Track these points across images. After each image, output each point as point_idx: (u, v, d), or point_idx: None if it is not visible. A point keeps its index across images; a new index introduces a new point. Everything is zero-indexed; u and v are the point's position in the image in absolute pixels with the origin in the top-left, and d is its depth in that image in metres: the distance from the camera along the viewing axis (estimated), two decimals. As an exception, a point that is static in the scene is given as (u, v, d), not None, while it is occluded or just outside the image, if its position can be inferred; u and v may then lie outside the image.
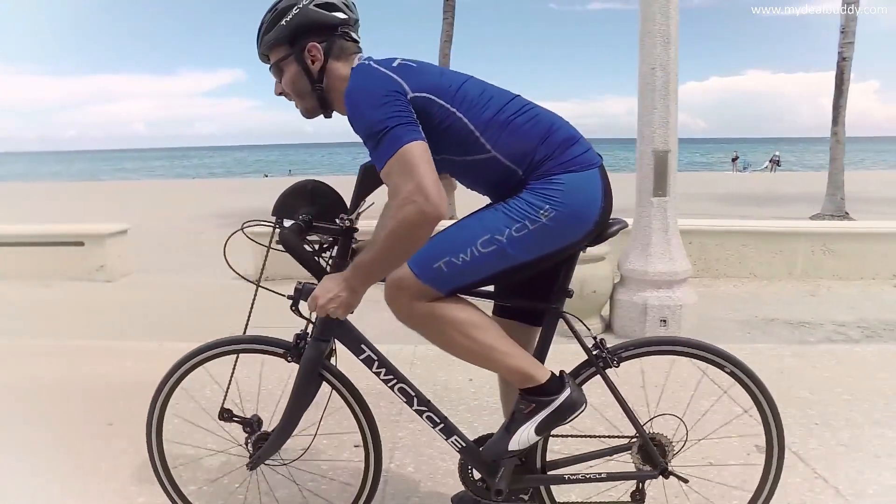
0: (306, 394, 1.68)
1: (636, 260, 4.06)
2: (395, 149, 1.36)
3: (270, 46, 1.57)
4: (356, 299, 1.49)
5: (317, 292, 1.49)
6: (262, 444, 1.73)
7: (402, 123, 1.38)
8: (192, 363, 1.73)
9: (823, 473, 2.20)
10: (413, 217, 1.33)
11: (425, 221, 1.34)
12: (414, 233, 1.36)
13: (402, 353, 3.30)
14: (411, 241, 1.39)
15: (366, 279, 1.46)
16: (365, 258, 1.44)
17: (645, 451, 1.67)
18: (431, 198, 1.32)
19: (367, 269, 1.44)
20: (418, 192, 1.32)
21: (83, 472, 2.29)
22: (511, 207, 1.47)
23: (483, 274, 1.49)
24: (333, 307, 1.47)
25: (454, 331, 1.50)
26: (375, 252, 1.41)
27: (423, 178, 1.33)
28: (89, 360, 3.53)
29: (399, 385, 1.66)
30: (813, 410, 2.74)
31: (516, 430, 1.56)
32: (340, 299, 1.47)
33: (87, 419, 2.73)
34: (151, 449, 1.80)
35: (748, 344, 3.88)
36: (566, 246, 1.51)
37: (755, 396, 1.66)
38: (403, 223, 1.34)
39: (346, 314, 1.52)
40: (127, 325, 4.47)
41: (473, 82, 1.55)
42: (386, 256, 1.41)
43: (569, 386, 1.56)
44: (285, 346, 1.70)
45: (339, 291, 1.47)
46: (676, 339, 1.67)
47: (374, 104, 1.40)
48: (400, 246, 1.39)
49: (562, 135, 1.50)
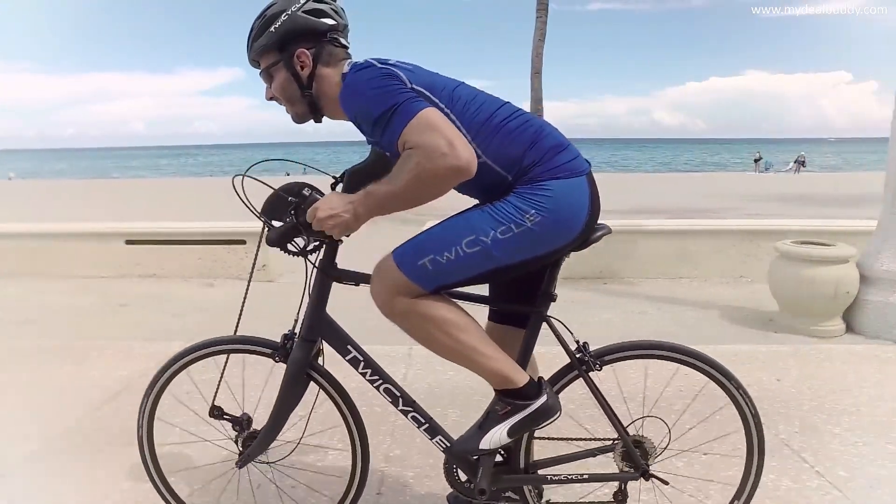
0: (294, 394, 1.71)
1: (889, 261, 4.09)
2: (411, 115, 1.38)
3: (260, 52, 1.59)
4: (356, 225, 1.49)
5: (319, 204, 1.48)
6: (250, 442, 1.76)
7: (410, 98, 1.40)
8: (181, 364, 1.76)
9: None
10: (443, 170, 1.34)
11: (455, 175, 1.35)
12: (440, 184, 1.37)
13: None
14: (434, 190, 1.39)
15: (374, 209, 1.45)
16: (380, 189, 1.43)
17: (627, 453, 1.69)
18: (463, 154, 1.34)
19: (378, 200, 1.43)
20: (450, 147, 1.33)
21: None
22: (497, 210, 1.48)
23: (467, 274, 1.51)
24: (331, 224, 1.47)
25: (436, 329, 1.52)
26: (394, 188, 1.40)
27: (451, 135, 1.35)
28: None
29: (385, 385, 1.68)
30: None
31: (489, 430, 1.59)
32: (341, 219, 1.47)
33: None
34: (143, 449, 1.83)
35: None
36: (551, 251, 1.52)
37: (733, 396, 1.68)
38: (431, 173, 1.35)
39: (340, 235, 1.52)
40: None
41: (465, 87, 1.57)
42: (403, 196, 1.41)
43: (545, 392, 1.58)
44: (273, 347, 1.72)
45: (343, 211, 1.46)
46: (657, 343, 1.68)
47: (376, 88, 1.43)
48: (421, 191, 1.39)
49: (550, 141, 1.52)
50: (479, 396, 2.78)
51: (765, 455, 1.70)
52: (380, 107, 1.41)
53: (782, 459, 2.36)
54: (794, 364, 3.41)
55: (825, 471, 2.28)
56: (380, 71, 1.47)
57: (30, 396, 3.04)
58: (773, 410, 2.80)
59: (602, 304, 4.99)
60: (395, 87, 1.43)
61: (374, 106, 1.42)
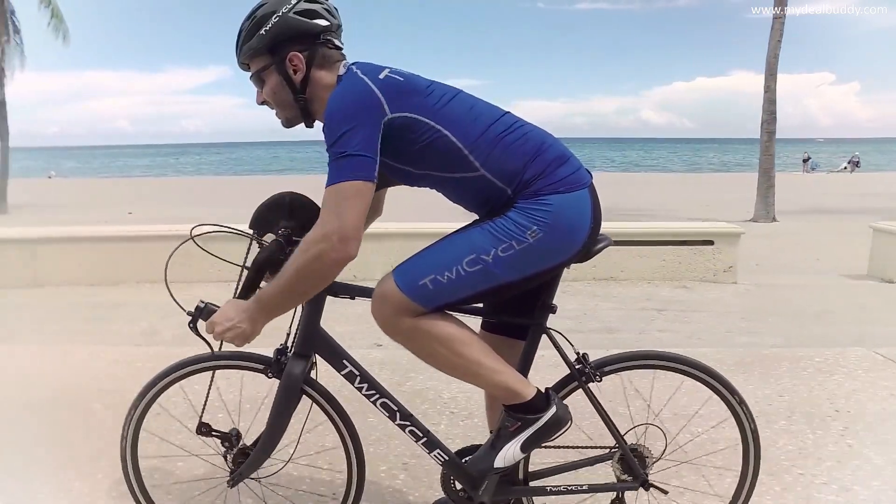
0: (287, 410, 1.66)
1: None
2: (340, 178, 1.37)
3: (250, 56, 1.52)
4: (255, 331, 1.49)
5: (216, 318, 1.49)
6: (242, 460, 1.70)
7: (359, 155, 1.37)
8: (168, 381, 1.69)
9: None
10: (324, 256, 1.36)
11: (332, 264, 1.38)
12: (319, 273, 1.40)
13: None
14: (316, 281, 1.42)
15: (268, 313, 1.47)
16: (268, 291, 1.46)
17: (625, 462, 1.69)
18: (347, 241, 1.36)
19: (269, 303, 1.46)
20: (336, 232, 1.35)
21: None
22: (498, 227, 1.45)
23: (468, 292, 1.48)
24: (230, 336, 1.48)
25: (440, 346, 1.49)
26: (280, 286, 1.43)
27: (347, 220, 1.35)
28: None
29: (381, 400, 1.64)
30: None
31: (502, 447, 1.56)
32: (238, 330, 1.47)
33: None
34: (127, 469, 1.75)
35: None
36: (553, 266, 1.50)
37: (732, 408, 1.68)
38: (311, 260, 1.37)
39: (242, 344, 1.52)
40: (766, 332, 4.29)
41: (462, 97, 1.52)
42: (290, 292, 1.43)
43: (555, 403, 1.56)
44: (265, 362, 1.67)
45: (239, 322, 1.47)
46: (658, 354, 1.68)
47: (346, 120, 1.38)
48: (305, 283, 1.42)
49: (552, 154, 1.49)
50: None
51: (759, 471, 1.71)
52: (334, 144, 1.38)
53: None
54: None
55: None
56: (360, 99, 1.41)
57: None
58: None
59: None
60: (358, 132, 1.37)
61: (331, 139, 1.39)
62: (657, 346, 3.28)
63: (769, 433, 2.52)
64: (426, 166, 1.49)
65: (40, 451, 2.44)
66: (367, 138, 1.37)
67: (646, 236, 6.05)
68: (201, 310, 1.55)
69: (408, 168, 1.50)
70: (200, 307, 1.55)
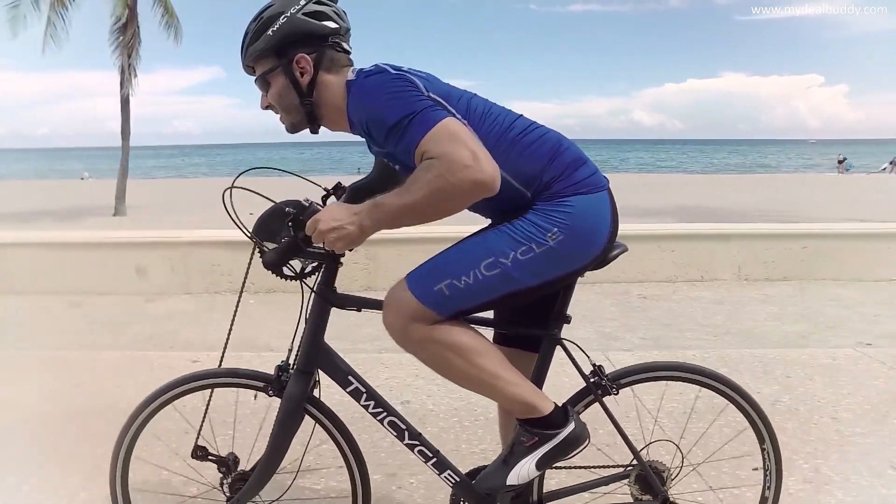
0: (289, 430, 1.57)
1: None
2: (431, 124, 1.28)
3: (256, 58, 1.47)
4: (361, 238, 1.35)
5: (321, 216, 1.35)
6: (239, 486, 1.61)
7: (429, 107, 1.31)
8: (162, 400, 1.59)
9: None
10: (467, 183, 1.24)
11: (478, 189, 1.26)
12: (461, 198, 1.27)
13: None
14: (454, 205, 1.29)
15: (383, 221, 1.33)
16: (392, 201, 1.31)
17: (644, 479, 1.62)
18: (488, 168, 1.24)
19: (389, 212, 1.31)
20: (474, 159, 1.24)
21: None
22: (516, 229, 1.40)
23: (486, 298, 1.42)
24: (334, 237, 1.34)
25: (455, 356, 1.42)
26: (409, 199, 1.28)
27: (475, 147, 1.26)
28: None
29: (389, 418, 1.56)
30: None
31: (516, 464, 1.48)
32: (345, 231, 1.33)
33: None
34: (115, 491, 1.65)
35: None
36: (572, 271, 1.45)
37: (752, 420, 1.63)
38: (453, 185, 1.24)
39: (343, 249, 1.39)
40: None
41: (478, 100, 1.49)
42: (420, 209, 1.29)
43: (573, 419, 1.49)
44: (266, 380, 1.58)
45: (347, 223, 1.33)
46: (676, 364, 1.63)
47: (392, 94, 1.33)
48: (439, 205, 1.29)
49: (570, 156, 1.45)
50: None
51: (782, 482, 1.65)
52: (396, 114, 1.31)
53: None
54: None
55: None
56: (395, 76, 1.37)
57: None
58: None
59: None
60: (413, 94, 1.33)
61: (389, 112, 1.32)
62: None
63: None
64: None
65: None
66: (420, 94, 1.33)
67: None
68: (305, 207, 1.39)
69: None
70: (304, 204, 1.40)
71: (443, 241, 1.53)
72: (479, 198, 1.29)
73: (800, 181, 23.91)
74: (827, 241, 5.77)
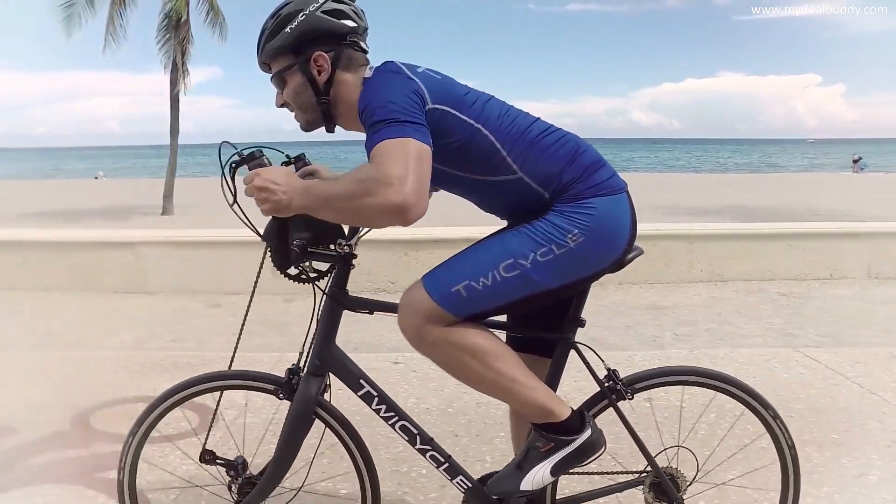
0: (299, 434, 1.55)
1: None
2: (401, 135, 1.24)
3: (273, 55, 1.45)
4: (286, 211, 1.32)
5: (263, 171, 1.33)
6: (248, 489, 1.58)
7: (416, 123, 1.27)
8: (171, 402, 1.58)
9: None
10: (389, 204, 1.19)
11: (391, 210, 1.20)
12: (376, 216, 1.23)
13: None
14: (366, 218, 1.29)
15: (307, 205, 1.30)
16: (320, 190, 1.30)
17: (658, 486, 1.59)
18: (411, 197, 1.19)
19: (314, 199, 1.29)
20: (401, 182, 1.18)
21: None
22: (536, 230, 1.38)
23: (504, 300, 1.40)
24: (263, 196, 1.31)
25: (471, 359, 1.39)
26: (330, 196, 1.27)
27: (419, 176, 1.21)
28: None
29: (400, 423, 1.54)
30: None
31: (530, 469, 1.46)
32: (275, 198, 1.30)
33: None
34: (123, 495, 1.63)
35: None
36: (592, 274, 1.43)
37: (769, 426, 1.60)
38: (375, 201, 1.20)
39: (266, 213, 1.36)
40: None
41: (496, 102, 1.47)
42: (337, 206, 1.27)
43: (590, 425, 1.47)
44: (276, 383, 1.56)
45: (281, 191, 1.30)
46: (691, 369, 1.61)
47: (393, 95, 1.30)
48: (353, 210, 1.25)
49: (589, 158, 1.44)
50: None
51: (800, 489, 1.62)
52: (380, 114, 1.28)
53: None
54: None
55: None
56: (404, 82, 1.35)
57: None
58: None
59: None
60: (408, 105, 1.29)
61: (377, 109, 1.29)
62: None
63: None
64: (460, 167, 1.43)
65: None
66: (417, 112, 1.29)
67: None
68: (254, 157, 1.38)
69: (441, 167, 1.42)
70: (255, 154, 1.38)
71: (464, 242, 1.51)
72: (389, 221, 1.23)
73: (821, 180, 23.39)
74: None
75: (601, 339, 4.06)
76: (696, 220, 11.08)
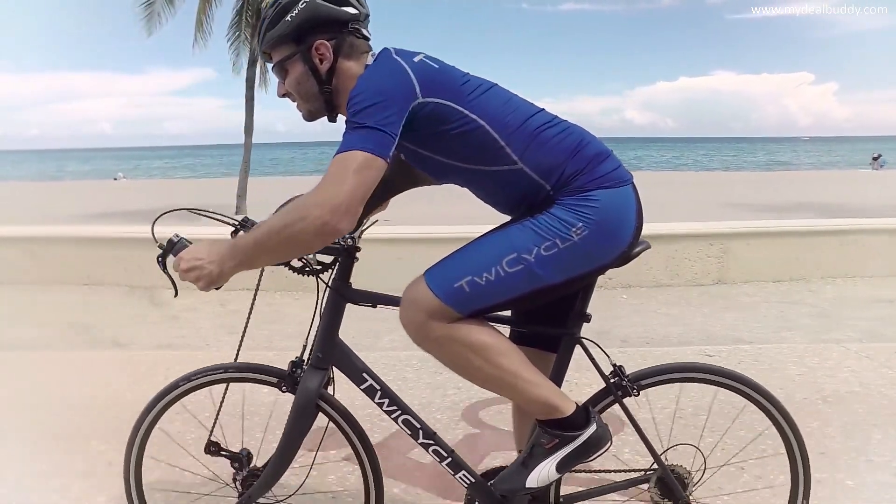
0: (302, 426, 1.55)
1: None
2: (352, 146, 1.26)
3: (274, 44, 1.44)
4: (222, 279, 1.35)
5: (185, 254, 1.36)
6: (252, 481, 1.59)
7: (379, 129, 1.27)
8: (175, 394, 1.58)
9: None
10: (312, 221, 1.24)
11: (321, 232, 1.25)
12: (304, 238, 1.27)
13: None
14: (295, 245, 1.30)
15: (239, 262, 1.33)
16: (246, 239, 1.33)
17: (664, 483, 1.58)
18: (340, 213, 1.23)
19: (244, 253, 1.32)
20: (333, 200, 1.23)
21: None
22: (540, 224, 1.36)
23: (508, 295, 1.38)
24: (193, 276, 1.34)
25: (475, 355, 1.38)
26: (258, 238, 1.30)
27: (349, 191, 1.24)
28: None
29: (403, 416, 1.53)
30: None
31: (535, 466, 1.44)
32: (204, 272, 1.33)
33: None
34: (130, 490, 1.64)
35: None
36: (597, 268, 1.41)
37: (776, 421, 1.57)
38: (297, 221, 1.25)
39: (205, 289, 1.38)
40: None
41: (497, 90, 1.45)
42: (266, 247, 1.30)
43: (594, 420, 1.45)
44: (279, 375, 1.57)
45: (207, 263, 1.33)
46: (696, 366, 1.58)
47: (373, 94, 1.29)
48: (283, 244, 1.29)
49: (593, 149, 1.41)
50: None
51: (811, 482, 1.60)
52: (354, 114, 1.28)
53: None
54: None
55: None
56: (392, 78, 1.33)
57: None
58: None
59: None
60: (382, 109, 1.28)
61: (352, 108, 1.29)
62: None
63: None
64: (458, 157, 1.41)
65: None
66: (392, 116, 1.28)
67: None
68: (174, 244, 1.41)
69: (437, 157, 1.42)
70: (174, 241, 1.42)
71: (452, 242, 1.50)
72: (326, 242, 1.29)
73: (848, 178, 22.68)
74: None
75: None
76: (783, 217, 10.34)
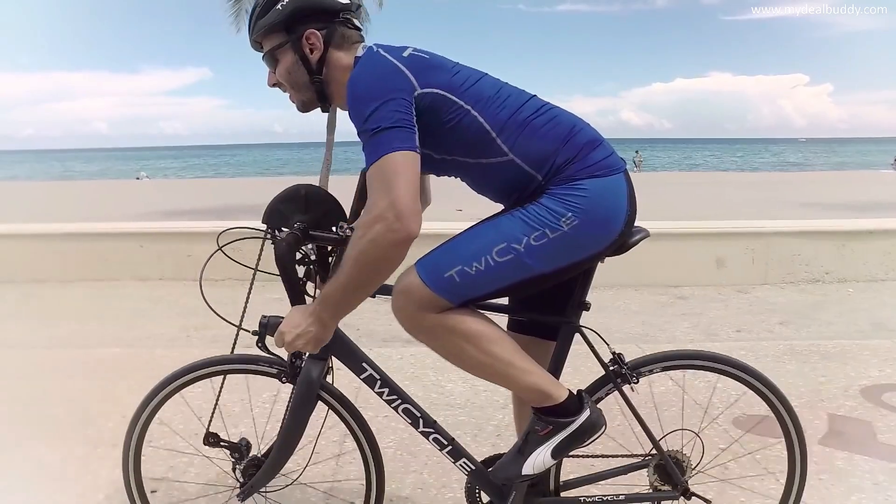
0: (302, 416, 1.55)
1: None
2: (379, 153, 1.24)
3: (264, 33, 1.43)
4: (327, 334, 1.39)
5: (283, 327, 1.38)
6: (252, 471, 1.59)
7: (396, 126, 1.26)
8: (174, 386, 1.58)
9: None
10: (381, 238, 1.23)
11: (395, 242, 1.23)
12: (383, 255, 1.25)
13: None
14: (382, 265, 1.27)
15: (336, 311, 1.36)
16: (331, 288, 1.33)
17: (663, 469, 1.59)
18: (403, 216, 1.22)
19: (336, 301, 1.34)
20: (390, 209, 1.22)
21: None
22: (530, 214, 1.35)
23: (498, 285, 1.38)
24: (302, 343, 1.37)
25: (467, 344, 1.38)
26: (342, 281, 1.31)
27: (398, 193, 1.22)
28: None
29: (403, 405, 1.54)
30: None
31: (531, 453, 1.45)
32: (310, 335, 1.37)
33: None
34: (129, 480, 1.64)
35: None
36: (588, 257, 1.40)
37: (775, 408, 1.59)
38: (372, 244, 1.24)
39: (316, 349, 1.41)
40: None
41: (489, 80, 1.44)
42: (355, 284, 1.31)
43: (588, 406, 1.46)
44: (279, 366, 1.56)
45: (308, 326, 1.36)
46: (696, 353, 1.58)
47: (374, 98, 1.28)
48: (369, 271, 1.28)
49: (584, 137, 1.40)
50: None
51: (807, 469, 1.61)
52: (366, 123, 1.27)
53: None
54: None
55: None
56: (387, 76, 1.31)
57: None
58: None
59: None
60: (390, 106, 1.27)
61: (361, 119, 1.28)
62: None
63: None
64: (451, 151, 1.40)
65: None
66: (401, 111, 1.27)
67: None
68: (265, 325, 1.46)
69: (430, 152, 1.40)
70: (264, 322, 1.46)
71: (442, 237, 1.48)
72: (404, 248, 1.26)
73: (873, 178, 22.55)
74: None
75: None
76: (865, 215, 9.92)
